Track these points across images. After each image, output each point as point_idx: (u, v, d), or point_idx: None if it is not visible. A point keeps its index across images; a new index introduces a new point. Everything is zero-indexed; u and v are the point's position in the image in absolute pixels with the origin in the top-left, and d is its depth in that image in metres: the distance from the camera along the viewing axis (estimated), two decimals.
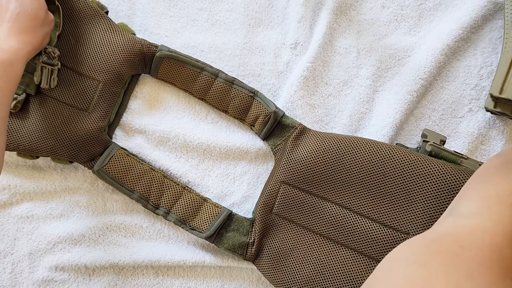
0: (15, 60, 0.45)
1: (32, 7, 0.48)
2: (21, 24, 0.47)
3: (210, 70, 0.61)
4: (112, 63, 0.60)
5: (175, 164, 0.63)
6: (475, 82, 0.64)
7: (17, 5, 0.47)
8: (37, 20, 0.49)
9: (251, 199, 0.63)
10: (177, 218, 0.60)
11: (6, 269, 0.62)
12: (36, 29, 0.49)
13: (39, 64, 0.55)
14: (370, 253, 0.55)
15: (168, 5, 0.66)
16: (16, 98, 0.57)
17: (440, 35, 0.63)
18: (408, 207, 0.54)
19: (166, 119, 0.64)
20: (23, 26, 0.47)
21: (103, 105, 0.60)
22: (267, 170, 0.64)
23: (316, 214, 0.56)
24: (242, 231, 0.59)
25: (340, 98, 0.64)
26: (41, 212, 0.63)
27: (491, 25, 0.65)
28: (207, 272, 0.63)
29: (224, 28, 0.66)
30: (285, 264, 0.57)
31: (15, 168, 0.63)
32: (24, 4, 0.48)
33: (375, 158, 0.55)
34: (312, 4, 0.65)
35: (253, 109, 0.61)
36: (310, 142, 0.58)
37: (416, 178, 0.53)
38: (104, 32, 0.60)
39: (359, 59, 0.65)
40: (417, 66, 0.63)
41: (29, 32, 0.47)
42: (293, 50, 0.65)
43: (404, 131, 0.64)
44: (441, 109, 0.64)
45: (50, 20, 0.53)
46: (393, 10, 0.66)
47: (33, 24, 0.48)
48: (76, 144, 0.59)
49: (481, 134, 0.63)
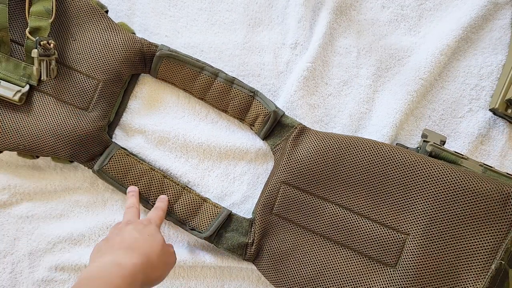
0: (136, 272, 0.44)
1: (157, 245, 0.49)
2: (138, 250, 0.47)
3: (210, 69, 0.61)
4: (112, 62, 0.60)
5: (175, 164, 0.63)
6: (475, 82, 0.64)
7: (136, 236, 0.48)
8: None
9: (251, 199, 0.63)
10: (177, 218, 0.60)
11: (6, 269, 0.62)
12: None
13: (36, 58, 0.55)
14: (370, 253, 0.55)
15: (168, 5, 0.66)
16: (20, 90, 0.57)
17: (440, 35, 0.63)
18: (408, 207, 0.54)
19: (166, 119, 0.64)
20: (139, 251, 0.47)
21: (103, 105, 0.60)
22: (267, 170, 0.64)
23: (316, 215, 0.56)
24: (242, 231, 0.59)
25: (340, 98, 0.65)
26: (41, 212, 0.63)
27: (491, 25, 0.65)
28: (207, 272, 0.63)
29: (224, 28, 0.66)
30: (285, 264, 0.57)
31: (15, 168, 0.63)
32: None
33: (375, 158, 0.55)
34: (312, 4, 0.65)
35: (253, 109, 0.61)
36: (310, 142, 0.58)
37: (416, 179, 0.53)
38: (104, 31, 0.60)
39: (359, 59, 0.65)
40: (417, 66, 0.63)
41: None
42: (293, 50, 0.65)
43: (404, 131, 0.64)
44: (441, 109, 0.64)
45: (169, 253, 0.52)
46: (393, 10, 0.66)
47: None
48: (76, 144, 0.59)
49: (481, 134, 0.63)
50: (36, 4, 0.57)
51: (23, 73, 0.58)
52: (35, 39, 0.55)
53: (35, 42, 0.55)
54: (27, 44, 0.57)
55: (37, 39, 0.55)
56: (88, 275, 0.42)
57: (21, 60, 0.58)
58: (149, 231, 0.50)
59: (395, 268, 0.54)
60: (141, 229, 0.49)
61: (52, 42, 0.56)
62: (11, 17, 0.58)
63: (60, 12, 0.60)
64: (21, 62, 0.58)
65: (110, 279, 0.41)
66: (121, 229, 0.49)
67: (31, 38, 0.56)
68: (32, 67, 0.58)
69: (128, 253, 0.45)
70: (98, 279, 0.41)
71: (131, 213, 0.53)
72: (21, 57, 0.59)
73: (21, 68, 0.58)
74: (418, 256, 0.52)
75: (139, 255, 0.45)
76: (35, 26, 0.56)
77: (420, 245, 0.53)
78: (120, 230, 0.49)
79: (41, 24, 0.57)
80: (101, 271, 0.42)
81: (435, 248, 0.52)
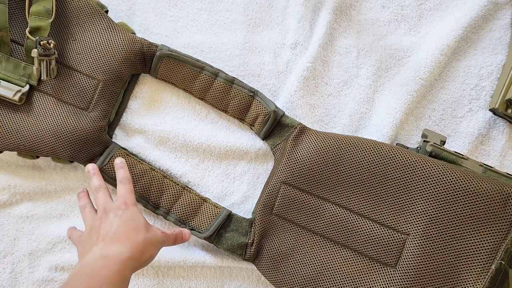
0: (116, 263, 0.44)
1: (131, 218, 0.49)
2: (120, 235, 0.47)
3: (210, 69, 0.61)
4: (112, 62, 0.60)
5: (175, 164, 0.63)
6: (475, 82, 0.64)
7: (118, 223, 0.48)
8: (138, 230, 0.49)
9: (251, 199, 0.63)
10: (176, 218, 0.60)
11: (6, 269, 0.62)
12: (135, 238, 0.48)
13: (36, 58, 0.55)
14: (370, 253, 0.55)
15: (168, 5, 0.66)
16: (20, 90, 0.57)
17: (440, 35, 0.63)
18: (408, 207, 0.54)
19: (166, 119, 0.64)
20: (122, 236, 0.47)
21: (103, 105, 0.60)
22: (267, 170, 0.63)
23: (316, 215, 0.56)
24: (241, 231, 0.59)
25: (340, 98, 0.64)
26: (41, 212, 0.63)
27: (491, 25, 0.65)
28: (207, 272, 0.63)
29: (224, 28, 0.66)
30: (285, 264, 0.57)
31: (15, 168, 0.63)
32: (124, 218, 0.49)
33: (375, 158, 0.55)
34: (312, 4, 0.65)
35: (253, 109, 0.61)
36: (310, 142, 0.58)
37: (417, 179, 0.53)
38: (104, 31, 0.60)
39: (359, 59, 0.65)
40: (417, 66, 0.63)
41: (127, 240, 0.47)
42: (293, 50, 0.65)
43: (404, 131, 0.64)
44: (441, 109, 0.64)
45: (153, 233, 0.51)
46: (393, 10, 0.66)
47: (134, 233, 0.48)
48: (76, 144, 0.59)
49: (481, 134, 0.63)
50: (36, 4, 0.57)
51: (23, 73, 0.58)
52: (35, 39, 0.55)
53: (35, 42, 0.55)
54: (27, 44, 0.57)
55: (37, 39, 0.55)
56: (78, 271, 0.43)
57: (21, 60, 0.58)
58: (130, 215, 0.49)
59: (395, 268, 0.54)
60: (121, 215, 0.49)
61: (52, 42, 0.56)
62: (11, 17, 0.58)
63: (60, 12, 0.60)
64: (21, 62, 0.58)
65: (100, 273, 0.42)
66: (101, 218, 0.49)
67: (31, 38, 0.56)
68: (32, 67, 0.58)
69: (113, 243, 0.46)
70: (88, 274, 0.42)
71: (103, 197, 0.52)
72: (21, 57, 0.59)
73: (21, 68, 0.58)
74: (418, 256, 0.52)
75: (125, 243, 0.46)
76: (35, 26, 0.56)
77: (420, 245, 0.53)
78: (100, 221, 0.49)
79: (41, 24, 0.57)
80: (90, 266, 0.43)
81: (435, 248, 0.52)
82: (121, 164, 0.56)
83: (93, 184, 0.53)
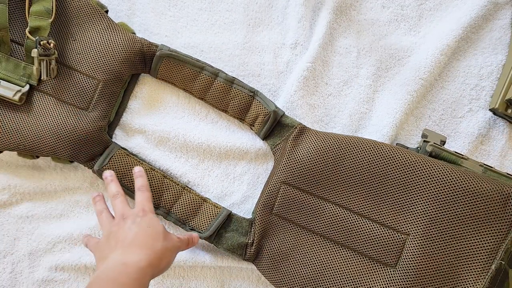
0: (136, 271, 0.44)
1: (149, 225, 0.49)
2: (139, 242, 0.47)
3: (210, 69, 0.61)
4: (112, 62, 0.60)
5: (175, 164, 0.63)
6: (475, 82, 0.64)
7: (136, 230, 0.48)
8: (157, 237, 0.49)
9: (251, 199, 0.63)
10: (176, 218, 0.60)
11: (6, 269, 0.62)
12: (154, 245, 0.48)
13: (36, 58, 0.55)
14: (370, 253, 0.55)
15: (168, 5, 0.66)
16: (20, 90, 0.57)
17: (440, 35, 0.63)
18: (408, 207, 0.54)
19: (166, 119, 0.64)
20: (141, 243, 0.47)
21: (103, 105, 0.60)
22: (267, 170, 0.64)
23: (316, 215, 0.56)
24: (241, 231, 0.59)
25: (340, 98, 0.65)
26: (41, 212, 0.63)
27: (491, 25, 0.65)
28: (207, 272, 0.63)
29: (224, 28, 0.66)
30: (285, 264, 0.57)
31: (15, 168, 0.63)
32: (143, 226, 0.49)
33: (375, 158, 0.55)
34: (312, 4, 0.65)
35: (253, 109, 0.61)
36: (310, 142, 0.58)
37: (417, 179, 0.53)
38: (104, 31, 0.60)
39: (359, 59, 0.65)
40: (417, 66, 0.63)
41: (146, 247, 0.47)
42: (293, 50, 0.65)
43: (404, 131, 0.64)
44: (441, 109, 0.64)
45: (170, 239, 0.51)
46: (393, 10, 0.66)
47: (152, 241, 0.48)
48: (76, 144, 0.59)
49: (481, 134, 0.63)
50: (36, 4, 0.57)
51: (23, 73, 0.58)
52: (35, 38, 0.55)
53: (35, 41, 0.55)
54: (27, 44, 0.57)
55: (37, 39, 0.55)
56: (97, 278, 0.42)
57: (21, 60, 0.58)
58: (148, 222, 0.49)
59: (395, 268, 0.54)
60: (140, 222, 0.49)
61: (52, 41, 0.56)
62: (11, 17, 0.58)
63: (60, 12, 0.60)
64: (21, 62, 0.58)
65: (118, 279, 0.42)
66: (119, 224, 0.49)
67: (31, 37, 0.56)
68: (32, 67, 0.58)
69: (131, 250, 0.45)
70: (106, 281, 0.42)
71: (121, 204, 0.52)
72: (21, 57, 0.59)
73: (21, 68, 0.58)
74: (418, 256, 0.52)
75: (143, 250, 0.46)
76: (35, 26, 0.56)
77: (420, 245, 0.53)
78: (118, 227, 0.49)
79: (41, 24, 0.57)
80: (109, 273, 0.43)
81: (435, 248, 0.52)
82: (140, 172, 0.56)
83: (111, 191, 0.53)
